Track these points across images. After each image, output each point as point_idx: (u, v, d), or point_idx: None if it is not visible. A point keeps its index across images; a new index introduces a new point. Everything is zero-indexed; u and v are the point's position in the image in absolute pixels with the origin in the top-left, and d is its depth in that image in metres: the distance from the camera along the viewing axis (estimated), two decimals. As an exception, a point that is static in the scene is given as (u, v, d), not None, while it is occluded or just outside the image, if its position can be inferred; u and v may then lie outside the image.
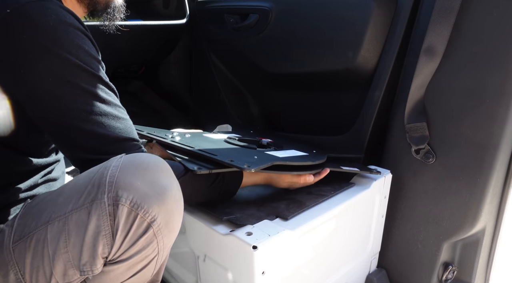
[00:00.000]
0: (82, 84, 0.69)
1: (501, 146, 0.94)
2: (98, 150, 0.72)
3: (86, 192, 0.68)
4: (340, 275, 1.04)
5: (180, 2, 1.64)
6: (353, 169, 1.03)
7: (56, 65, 0.67)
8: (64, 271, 0.69)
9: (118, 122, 0.73)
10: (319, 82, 1.33)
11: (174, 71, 1.89)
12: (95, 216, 0.66)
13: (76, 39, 0.69)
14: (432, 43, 0.97)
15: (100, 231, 0.66)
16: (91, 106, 0.70)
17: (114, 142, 0.72)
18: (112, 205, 0.65)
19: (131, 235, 0.67)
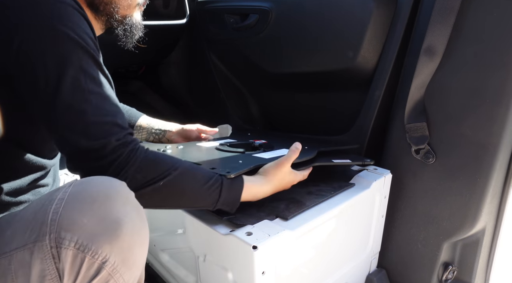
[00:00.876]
0: (81, 62, 0.65)
1: (501, 146, 0.94)
2: (82, 129, 0.65)
3: (30, 229, 0.61)
4: (340, 275, 1.04)
5: (180, 2, 1.64)
6: (344, 161, 1.02)
7: (56, 40, 0.64)
8: None
9: (107, 105, 0.68)
10: (319, 82, 1.33)
11: (174, 71, 1.89)
12: (38, 259, 0.59)
13: (76, 19, 0.66)
14: (432, 43, 0.97)
15: (45, 275, 0.60)
16: (84, 83, 0.66)
17: (99, 122, 0.66)
18: (55, 247, 0.58)
19: (81, 278, 0.60)
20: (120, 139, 0.67)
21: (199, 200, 0.77)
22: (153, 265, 1.20)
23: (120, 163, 0.66)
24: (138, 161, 0.68)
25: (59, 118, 0.64)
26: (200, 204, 0.78)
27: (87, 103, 0.65)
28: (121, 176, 0.66)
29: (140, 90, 2.05)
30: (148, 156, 0.71)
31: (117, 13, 0.81)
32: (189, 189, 0.75)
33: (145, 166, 0.69)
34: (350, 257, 1.07)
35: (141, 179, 0.68)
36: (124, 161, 0.67)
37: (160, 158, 0.73)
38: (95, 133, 0.65)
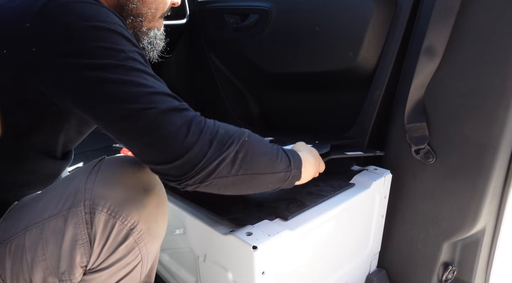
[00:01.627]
0: (128, 53, 0.61)
1: (501, 146, 0.94)
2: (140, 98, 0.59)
3: (64, 199, 0.65)
4: (340, 275, 1.05)
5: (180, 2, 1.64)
6: (357, 153, 1.03)
7: (103, 36, 0.60)
8: (43, 278, 0.67)
9: (158, 82, 0.64)
10: (319, 82, 1.33)
11: (174, 71, 1.89)
12: (72, 224, 0.64)
13: (114, 18, 0.64)
14: (432, 43, 0.97)
15: (77, 239, 0.64)
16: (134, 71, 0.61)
17: (154, 93, 0.61)
18: (89, 213, 0.63)
19: (110, 243, 0.65)
20: (184, 105, 0.63)
21: (276, 163, 0.69)
22: (153, 265, 1.20)
23: (197, 121, 0.61)
24: (212, 120, 0.64)
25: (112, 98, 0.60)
26: (276, 167, 0.69)
27: (140, 79, 0.61)
28: (204, 132, 0.60)
29: (140, 90, 2.05)
30: (214, 119, 0.66)
31: (143, 26, 0.80)
32: (266, 147, 0.69)
33: (221, 124, 0.64)
34: (350, 257, 1.07)
35: (224, 134, 0.62)
36: (199, 120, 0.62)
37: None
38: (157, 101, 0.60)
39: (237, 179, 0.64)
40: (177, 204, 0.96)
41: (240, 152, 0.62)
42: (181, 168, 0.59)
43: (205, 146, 0.59)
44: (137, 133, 0.59)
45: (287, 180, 0.72)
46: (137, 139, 0.60)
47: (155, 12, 0.79)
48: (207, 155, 0.59)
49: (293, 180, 0.74)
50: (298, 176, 0.75)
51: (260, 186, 0.69)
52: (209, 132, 0.60)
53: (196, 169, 0.59)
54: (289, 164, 0.71)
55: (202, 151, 0.59)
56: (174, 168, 0.59)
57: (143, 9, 0.77)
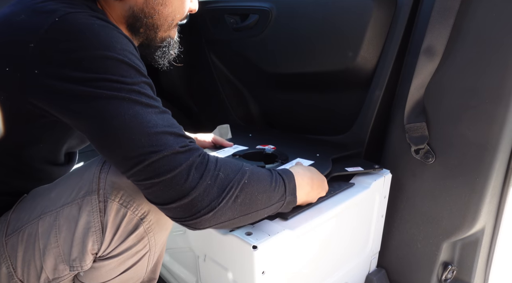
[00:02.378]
0: (135, 87, 0.61)
1: (501, 146, 0.94)
2: (144, 142, 0.59)
3: (78, 187, 0.67)
4: (340, 275, 1.05)
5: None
6: (357, 169, 1.04)
7: (111, 66, 0.59)
8: (54, 265, 0.69)
9: (163, 119, 0.63)
10: (319, 82, 1.33)
11: (175, 71, 1.89)
12: (86, 212, 0.66)
13: (124, 43, 0.63)
14: (431, 43, 0.97)
15: (90, 227, 0.66)
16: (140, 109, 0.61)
17: (159, 132, 0.60)
18: (103, 201, 0.66)
19: (120, 231, 0.67)
20: (187, 146, 0.62)
21: (272, 196, 0.70)
22: (153, 265, 1.21)
23: (198, 164, 0.61)
24: (213, 161, 0.64)
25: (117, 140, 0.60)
26: (273, 200, 0.71)
27: (142, 119, 0.60)
28: (204, 177, 0.61)
29: (140, 90, 2.05)
30: (217, 157, 0.67)
31: (157, 36, 0.79)
32: (264, 183, 0.69)
33: (223, 165, 0.64)
34: (350, 257, 1.08)
35: (224, 178, 0.63)
36: (200, 163, 0.62)
37: (227, 159, 0.69)
38: (159, 144, 0.59)
39: (235, 220, 0.66)
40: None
41: (239, 196, 0.64)
42: (180, 211, 0.61)
43: (204, 192, 0.60)
44: (137, 175, 0.60)
45: (281, 207, 0.75)
46: (138, 180, 0.61)
47: (171, 22, 0.79)
48: (205, 203, 0.61)
49: (288, 206, 0.77)
50: (293, 201, 0.77)
51: (257, 218, 0.71)
52: (209, 177, 0.61)
53: (196, 215, 0.61)
54: (284, 192, 0.73)
55: (201, 197, 0.60)
56: (173, 210, 0.61)
57: (159, 21, 0.76)
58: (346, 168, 1.05)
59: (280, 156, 1.09)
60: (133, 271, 0.73)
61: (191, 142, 0.63)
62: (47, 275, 0.70)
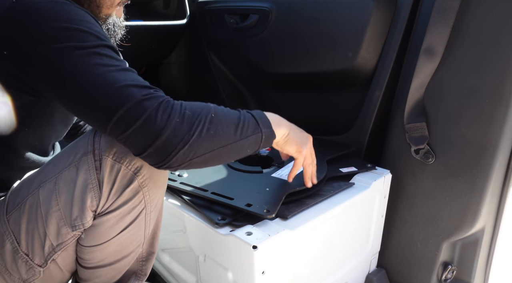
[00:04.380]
0: (95, 49, 0.63)
1: (500, 146, 0.94)
2: (105, 98, 0.62)
3: (74, 152, 0.71)
4: (340, 275, 1.05)
5: (181, 2, 1.64)
6: (351, 169, 1.05)
7: (68, 36, 0.63)
8: (57, 230, 0.72)
9: (123, 74, 0.65)
10: (318, 82, 1.33)
11: (175, 71, 1.90)
12: (83, 170, 0.70)
13: (81, 15, 0.66)
14: (431, 43, 0.97)
15: (87, 184, 0.70)
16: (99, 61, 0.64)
17: (119, 87, 0.62)
18: (98, 160, 0.69)
19: (116, 186, 0.70)
20: (150, 94, 0.63)
21: (244, 127, 0.71)
22: (153, 265, 1.21)
23: (164, 107, 0.62)
24: (179, 103, 0.66)
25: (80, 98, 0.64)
26: (246, 131, 0.71)
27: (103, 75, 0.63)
28: (172, 116, 0.62)
29: (140, 90, 2.06)
30: (182, 101, 0.68)
31: (100, 12, 0.80)
32: (232, 116, 0.72)
33: (188, 105, 0.66)
34: (350, 257, 1.08)
35: (191, 114, 0.65)
36: (166, 105, 0.63)
37: (192, 102, 0.70)
38: (122, 97, 0.62)
39: (214, 154, 0.67)
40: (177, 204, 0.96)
41: (210, 128, 0.66)
42: (159, 153, 0.63)
43: (175, 129, 0.62)
44: (113, 131, 0.63)
45: (261, 141, 0.74)
46: (115, 137, 0.64)
47: (113, 0, 0.81)
48: (177, 139, 0.62)
49: (269, 139, 0.77)
50: (272, 134, 0.77)
51: (238, 153, 0.72)
52: (177, 115, 0.63)
53: (173, 152, 0.63)
54: (257, 125, 0.74)
55: (173, 134, 0.62)
56: (152, 155, 0.64)
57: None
58: (341, 169, 1.06)
59: (276, 159, 1.08)
60: (131, 232, 0.76)
61: (156, 91, 0.65)
62: (51, 242, 0.73)
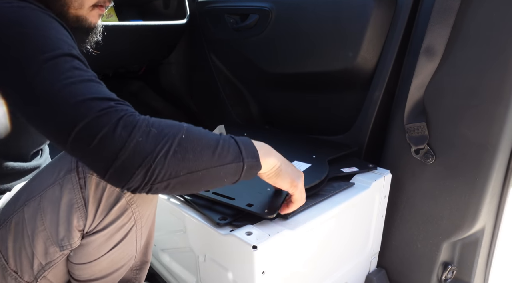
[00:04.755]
0: (54, 59, 0.58)
1: (500, 146, 0.94)
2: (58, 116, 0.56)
3: (58, 169, 0.69)
4: (340, 275, 1.05)
5: (181, 2, 1.64)
6: (353, 169, 1.05)
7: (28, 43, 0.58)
8: (44, 249, 0.70)
9: (80, 88, 0.58)
10: (319, 82, 1.33)
11: (175, 71, 1.90)
12: (67, 189, 0.67)
13: (42, 19, 0.61)
14: (431, 43, 0.97)
15: (72, 204, 0.67)
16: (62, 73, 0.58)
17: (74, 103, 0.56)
18: (82, 177, 0.67)
19: (103, 205, 0.68)
20: (110, 108, 0.57)
21: (222, 154, 0.63)
22: (153, 265, 1.21)
23: (125, 124, 0.56)
24: (146, 119, 0.59)
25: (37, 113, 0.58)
26: (224, 158, 0.63)
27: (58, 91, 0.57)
28: (133, 134, 0.55)
29: (141, 90, 2.06)
30: (151, 117, 0.61)
31: (68, 13, 0.72)
32: (207, 139, 0.63)
33: (156, 122, 0.59)
34: (350, 257, 1.08)
35: (158, 133, 0.57)
36: (129, 121, 0.56)
37: (163, 119, 0.63)
38: (77, 114, 0.55)
39: (181, 180, 0.59)
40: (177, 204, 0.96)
41: (178, 151, 0.58)
42: (118, 177, 0.56)
43: (134, 150, 0.55)
44: (70, 151, 0.58)
45: (242, 171, 0.66)
46: (73, 156, 0.61)
47: (81, 1, 0.72)
48: (137, 160, 0.55)
49: (252, 170, 0.68)
50: (257, 165, 0.68)
51: (213, 181, 0.64)
52: (139, 134, 0.56)
53: (133, 177, 0.56)
54: (240, 153, 0.65)
55: (132, 156, 0.55)
56: (113, 179, 0.57)
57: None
58: (342, 169, 1.06)
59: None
60: (122, 248, 0.74)
61: (119, 103, 0.58)
62: (39, 261, 0.71)
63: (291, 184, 0.76)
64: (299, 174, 0.79)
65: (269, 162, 0.72)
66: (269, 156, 0.72)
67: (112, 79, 1.95)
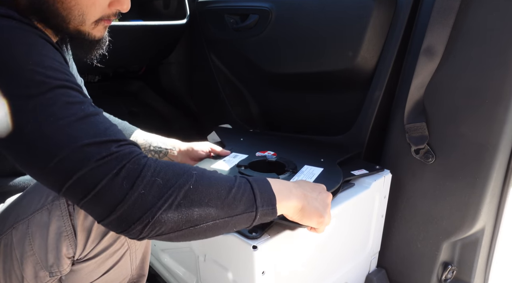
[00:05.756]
0: (45, 95, 0.52)
1: (500, 146, 0.94)
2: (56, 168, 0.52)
3: (46, 193, 0.66)
4: (340, 275, 1.05)
5: (181, 2, 1.64)
6: (362, 171, 1.04)
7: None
8: (34, 273, 0.68)
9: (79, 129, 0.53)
10: (319, 82, 1.33)
11: (175, 71, 1.90)
12: (55, 216, 0.64)
13: (27, 48, 0.55)
14: (431, 43, 0.97)
15: (61, 231, 0.65)
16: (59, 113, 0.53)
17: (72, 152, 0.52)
18: (71, 204, 0.64)
19: (93, 234, 0.65)
20: (112, 154, 0.52)
21: (233, 204, 0.59)
22: (153, 265, 1.21)
23: (128, 172, 0.52)
24: (151, 166, 0.54)
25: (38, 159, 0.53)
26: (235, 209, 0.59)
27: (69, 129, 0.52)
28: (136, 186, 0.52)
29: (141, 90, 2.06)
30: (159, 161, 0.57)
31: (69, 28, 0.67)
32: (217, 188, 0.58)
33: (163, 169, 0.55)
34: (350, 257, 1.08)
35: (163, 185, 0.53)
36: (133, 169, 0.52)
37: (170, 162, 0.58)
38: (73, 163, 0.51)
39: (184, 233, 0.56)
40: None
41: (182, 204, 0.54)
42: (115, 226, 0.53)
43: (135, 204, 0.51)
44: (67, 197, 0.55)
45: (254, 219, 0.61)
46: (71, 201, 0.58)
47: (81, 16, 0.66)
48: (138, 213, 0.52)
49: (267, 217, 0.63)
50: (272, 213, 0.63)
51: (219, 232, 0.60)
52: (142, 185, 0.52)
53: (131, 228, 0.53)
54: (254, 202, 0.60)
55: (131, 209, 0.52)
56: (109, 225, 0.54)
57: (63, 11, 0.65)
58: (352, 171, 1.04)
59: (289, 165, 1.01)
60: (116, 271, 0.72)
61: (122, 145, 0.54)
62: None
63: (317, 221, 0.71)
64: (325, 204, 0.73)
65: (290, 206, 0.67)
66: (288, 199, 0.66)
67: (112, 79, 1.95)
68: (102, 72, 1.84)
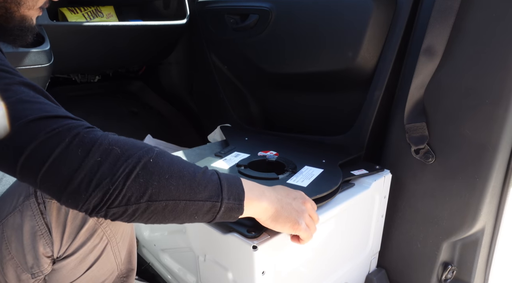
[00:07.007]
0: None
1: (501, 146, 0.94)
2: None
3: (17, 195, 0.66)
4: (339, 275, 1.05)
5: (181, 2, 1.64)
6: (362, 171, 1.04)
7: None
8: (17, 277, 0.67)
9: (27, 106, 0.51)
10: (319, 82, 1.33)
11: (175, 71, 1.90)
12: (28, 216, 0.64)
13: None
14: (431, 43, 0.97)
15: (35, 231, 0.64)
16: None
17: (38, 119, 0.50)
18: (42, 203, 0.63)
19: (68, 229, 0.64)
20: (62, 126, 0.50)
21: (196, 188, 0.56)
22: (153, 265, 1.21)
23: (81, 141, 0.50)
24: (108, 136, 0.53)
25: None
26: (197, 193, 0.56)
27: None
28: (92, 153, 0.50)
29: (141, 90, 2.06)
30: (114, 134, 0.55)
31: (19, 11, 0.64)
32: (179, 167, 0.56)
33: (121, 140, 0.53)
34: (349, 257, 1.08)
35: (121, 153, 0.51)
36: (88, 139, 0.50)
37: (130, 138, 0.56)
38: (22, 138, 0.49)
39: (141, 207, 0.53)
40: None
41: (141, 175, 0.51)
42: (75, 201, 0.51)
43: (91, 171, 0.49)
44: (22, 179, 0.53)
45: (218, 212, 0.59)
46: (27, 183, 0.55)
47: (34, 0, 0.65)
48: (94, 182, 0.49)
49: (232, 213, 0.60)
50: (238, 208, 0.60)
51: (179, 216, 0.57)
52: (99, 153, 0.50)
53: (88, 200, 0.50)
54: (220, 192, 0.58)
55: (88, 177, 0.49)
56: (69, 203, 0.52)
57: None
58: (352, 171, 1.04)
59: (288, 165, 1.01)
60: (99, 267, 0.71)
61: (73, 119, 0.52)
62: None
63: (291, 227, 0.69)
64: (300, 210, 0.70)
65: (261, 208, 0.64)
66: (259, 200, 0.63)
67: (112, 79, 1.95)
68: (102, 72, 1.85)
